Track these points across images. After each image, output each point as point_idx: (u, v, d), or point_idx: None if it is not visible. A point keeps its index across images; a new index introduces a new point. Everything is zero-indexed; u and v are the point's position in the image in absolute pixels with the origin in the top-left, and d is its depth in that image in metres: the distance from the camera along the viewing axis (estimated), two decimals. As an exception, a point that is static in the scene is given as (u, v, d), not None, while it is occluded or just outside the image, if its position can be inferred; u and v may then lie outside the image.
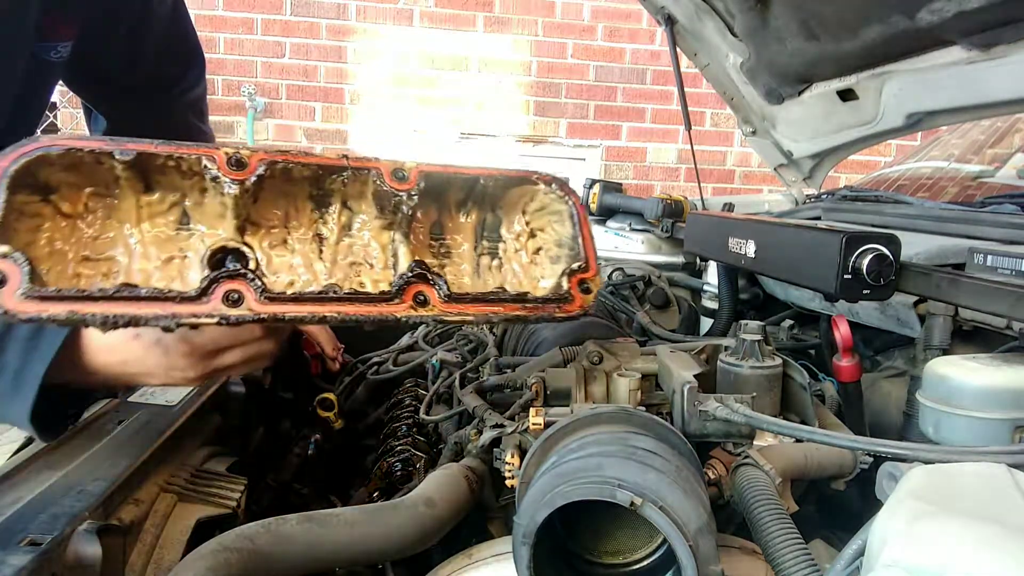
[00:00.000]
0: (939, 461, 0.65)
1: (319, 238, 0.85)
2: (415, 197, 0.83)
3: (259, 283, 0.73)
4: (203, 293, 0.71)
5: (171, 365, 0.85)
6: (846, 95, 1.73)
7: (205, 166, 0.76)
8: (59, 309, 0.67)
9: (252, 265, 0.78)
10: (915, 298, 1.25)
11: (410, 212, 0.84)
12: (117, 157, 0.73)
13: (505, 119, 5.27)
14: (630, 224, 2.24)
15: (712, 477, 0.95)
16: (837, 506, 1.13)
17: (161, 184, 0.79)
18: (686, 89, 2.07)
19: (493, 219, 0.95)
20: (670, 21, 1.89)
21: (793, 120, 1.97)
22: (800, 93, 1.83)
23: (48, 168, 0.73)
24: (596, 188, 2.35)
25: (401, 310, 0.78)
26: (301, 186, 0.82)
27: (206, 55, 1.67)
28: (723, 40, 1.84)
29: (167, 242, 0.80)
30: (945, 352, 1.17)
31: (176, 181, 0.78)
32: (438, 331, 1.78)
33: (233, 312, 0.72)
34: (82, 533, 0.74)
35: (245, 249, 0.78)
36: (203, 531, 0.91)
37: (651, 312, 1.86)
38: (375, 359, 1.76)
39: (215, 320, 0.71)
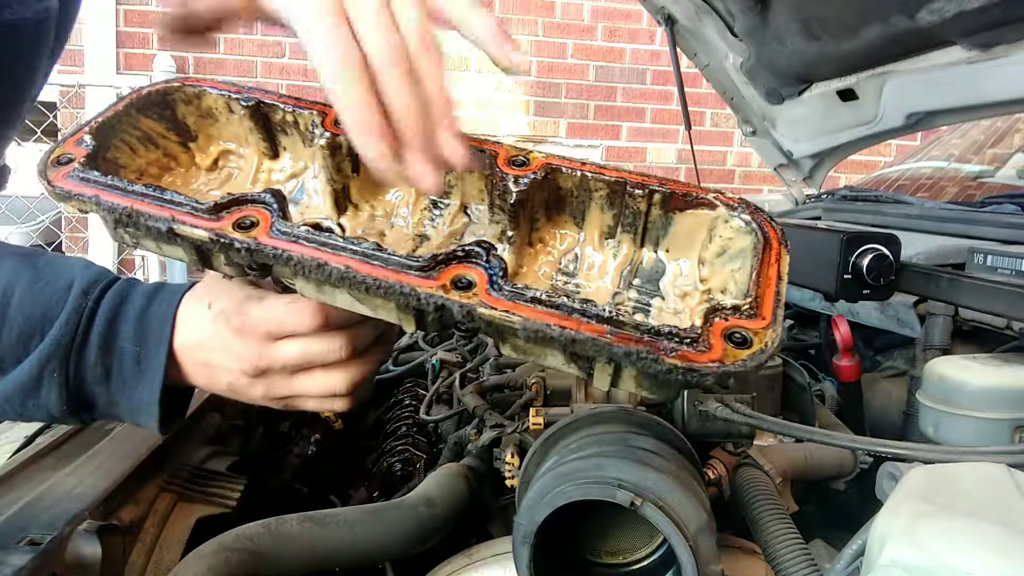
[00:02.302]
0: (939, 461, 0.65)
1: (422, 238, 0.72)
2: (522, 183, 0.64)
3: (280, 215, 0.61)
4: (219, 210, 0.62)
5: (227, 345, 0.74)
6: (846, 95, 1.73)
7: (312, 123, 0.69)
8: (89, 191, 0.65)
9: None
10: (915, 298, 1.25)
11: (514, 204, 0.65)
12: (242, 104, 0.71)
13: (505, 119, 5.27)
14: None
15: (712, 477, 0.95)
16: (837, 506, 1.12)
17: (286, 149, 0.75)
18: (686, 89, 2.07)
19: (653, 263, 0.67)
20: (670, 21, 1.89)
21: (793, 120, 1.97)
22: (800, 93, 1.83)
23: (185, 106, 0.73)
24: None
25: (429, 285, 0.56)
26: None
27: (206, 55, 1.66)
28: (723, 40, 1.83)
29: None
30: (945, 352, 1.17)
31: (300, 148, 0.73)
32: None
33: (234, 235, 0.60)
34: (82, 533, 0.74)
35: (334, 226, 0.71)
36: (203, 531, 0.91)
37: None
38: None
39: (206, 236, 0.61)
